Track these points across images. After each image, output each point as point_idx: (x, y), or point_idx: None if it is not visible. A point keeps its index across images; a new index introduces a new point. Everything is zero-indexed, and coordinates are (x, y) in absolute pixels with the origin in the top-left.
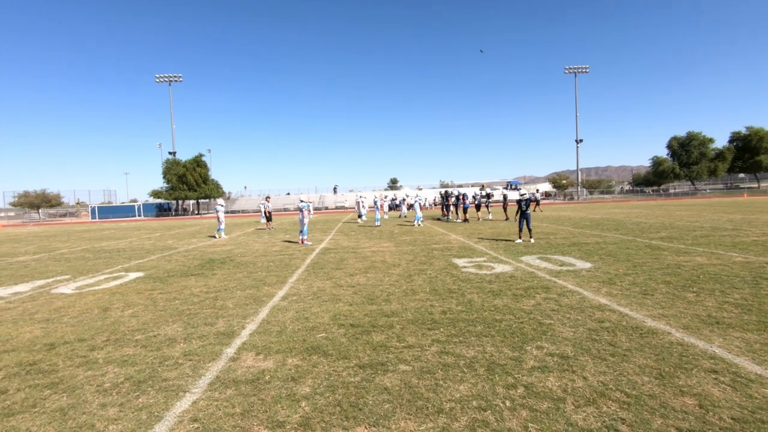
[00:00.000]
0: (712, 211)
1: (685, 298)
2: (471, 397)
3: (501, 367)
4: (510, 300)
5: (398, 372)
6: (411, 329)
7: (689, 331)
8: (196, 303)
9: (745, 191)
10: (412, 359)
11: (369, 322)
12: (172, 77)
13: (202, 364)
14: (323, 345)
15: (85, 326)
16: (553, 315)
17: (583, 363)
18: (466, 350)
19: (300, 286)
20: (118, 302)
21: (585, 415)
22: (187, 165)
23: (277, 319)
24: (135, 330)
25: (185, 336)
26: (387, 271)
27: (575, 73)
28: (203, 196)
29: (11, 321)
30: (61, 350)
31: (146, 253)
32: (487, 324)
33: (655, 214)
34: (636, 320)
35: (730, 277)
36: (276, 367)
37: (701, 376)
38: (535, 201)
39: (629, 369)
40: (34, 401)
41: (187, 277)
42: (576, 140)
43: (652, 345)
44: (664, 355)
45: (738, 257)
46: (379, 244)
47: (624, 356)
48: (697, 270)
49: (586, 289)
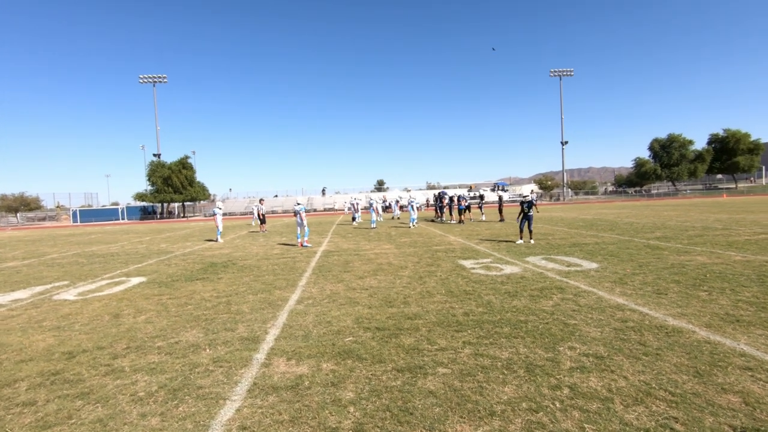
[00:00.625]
0: (698, 211)
1: (698, 296)
2: (519, 398)
3: (540, 368)
4: (528, 301)
5: (438, 375)
6: (438, 331)
7: (713, 330)
8: (210, 308)
9: (724, 191)
10: (448, 362)
11: (394, 325)
12: (157, 78)
13: (235, 371)
14: (354, 349)
15: (100, 333)
16: (576, 315)
17: (620, 362)
18: (499, 352)
19: (312, 290)
20: (128, 308)
21: (636, 414)
22: (173, 167)
23: (299, 323)
24: (154, 337)
25: (208, 342)
26: (396, 273)
27: (560, 76)
28: (189, 199)
29: (19, 329)
30: (82, 359)
31: (142, 257)
32: (513, 325)
33: (644, 215)
34: (658, 319)
35: (735, 275)
36: (312, 373)
37: (737, 373)
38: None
39: (666, 368)
40: (68, 413)
41: (193, 281)
42: (561, 142)
43: (680, 344)
44: (696, 354)
45: (737, 256)
46: (380, 246)
47: (657, 355)
48: (701, 269)
49: (600, 290)
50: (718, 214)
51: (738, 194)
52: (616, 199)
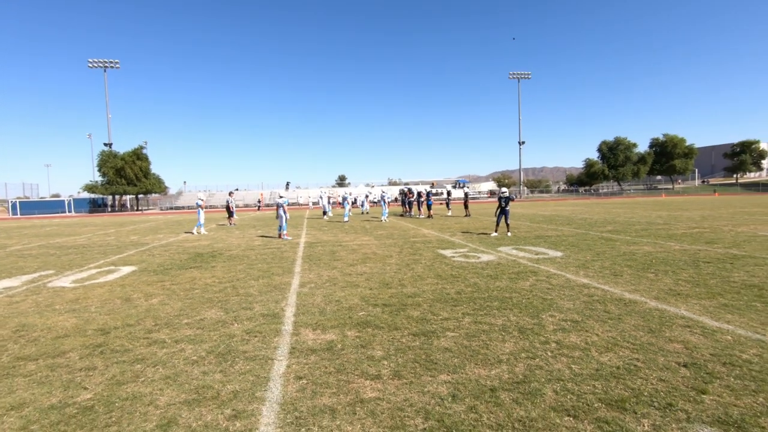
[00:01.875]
0: (642, 208)
1: (647, 277)
2: (518, 350)
3: (530, 330)
4: (509, 282)
5: (448, 337)
6: (438, 306)
7: (660, 301)
8: (218, 292)
9: (663, 191)
10: (454, 328)
11: (398, 302)
12: (108, 63)
13: (269, 339)
14: (370, 320)
15: (121, 314)
16: (551, 292)
17: (591, 325)
18: (494, 320)
19: (309, 275)
20: (135, 293)
21: (608, 357)
22: (126, 158)
23: (310, 302)
24: (176, 316)
25: (232, 319)
26: (384, 261)
27: (518, 79)
28: (144, 192)
29: (33, 313)
30: (118, 334)
31: (118, 248)
32: (501, 300)
33: (596, 211)
34: (617, 294)
35: (675, 261)
36: (340, 339)
37: (679, 330)
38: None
39: (626, 328)
40: (134, 374)
41: (187, 269)
42: (519, 142)
43: (636, 311)
44: (648, 317)
45: (676, 246)
46: (360, 239)
47: (619, 319)
48: (648, 256)
49: (567, 273)
50: (659, 212)
51: (675, 194)
52: (569, 198)
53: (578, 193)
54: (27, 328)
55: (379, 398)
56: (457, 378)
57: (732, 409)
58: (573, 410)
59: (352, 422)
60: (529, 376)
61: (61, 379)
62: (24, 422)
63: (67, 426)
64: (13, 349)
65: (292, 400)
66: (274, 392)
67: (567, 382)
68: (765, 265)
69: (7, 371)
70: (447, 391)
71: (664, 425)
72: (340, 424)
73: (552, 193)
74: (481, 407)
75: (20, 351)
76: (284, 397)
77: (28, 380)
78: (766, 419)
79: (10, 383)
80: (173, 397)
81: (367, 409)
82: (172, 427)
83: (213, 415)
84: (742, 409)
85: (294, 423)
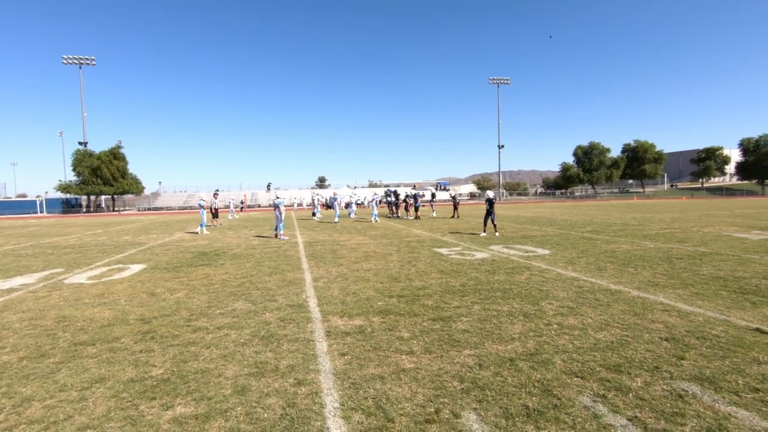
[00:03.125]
0: (616, 211)
1: (628, 271)
2: (527, 330)
3: (533, 315)
4: (506, 276)
5: (464, 321)
6: (448, 296)
7: (641, 291)
8: (238, 286)
9: (635, 195)
10: (467, 314)
11: (410, 294)
12: (83, 59)
13: (303, 326)
14: (390, 308)
15: (153, 306)
16: (545, 284)
17: (585, 310)
18: (500, 307)
19: (319, 271)
20: (158, 288)
21: (603, 335)
22: (102, 157)
23: (328, 294)
24: (207, 307)
25: (261, 309)
26: (386, 259)
27: (498, 84)
28: (120, 192)
29: (67, 306)
30: (160, 322)
31: (116, 248)
32: (503, 291)
33: (574, 213)
34: (603, 285)
35: (651, 258)
36: (368, 324)
37: (659, 313)
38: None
39: (615, 312)
40: (192, 354)
41: (198, 267)
42: (498, 146)
43: (621, 299)
44: (632, 304)
45: (650, 245)
46: (355, 239)
47: (608, 305)
48: (627, 254)
49: (557, 268)
50: (632, 214)
51: (646, 197)
52: (546, 200)
53: (555, 196)
54: (68, 319)
55: (417, 368)
56: (479, 352)
57: (705, 370)
58: (580, 373)
59: (401, 386)
60: (540, 349)
61: (126, 359)
62: (113, 392)
63: (153, 393)
64: (66, 337)
65: (344, 371)
66: (325, 365)
67: (571, 353)
68: (729, 260)
69: (71, 354)
70: (473, 362)
71: (653, 382)
72: (391, 387)
73: (530, 195)
74: (504, 372)
75: (73, 338)
76: (335, 368)
77: (96, 360)
78: (732, 376)
79: (80, 363)
80: (238, 371)
81: (410, 376)
82: (247, 393)
83: (279, 383)
84: (713, 369)
85: (351, 387)
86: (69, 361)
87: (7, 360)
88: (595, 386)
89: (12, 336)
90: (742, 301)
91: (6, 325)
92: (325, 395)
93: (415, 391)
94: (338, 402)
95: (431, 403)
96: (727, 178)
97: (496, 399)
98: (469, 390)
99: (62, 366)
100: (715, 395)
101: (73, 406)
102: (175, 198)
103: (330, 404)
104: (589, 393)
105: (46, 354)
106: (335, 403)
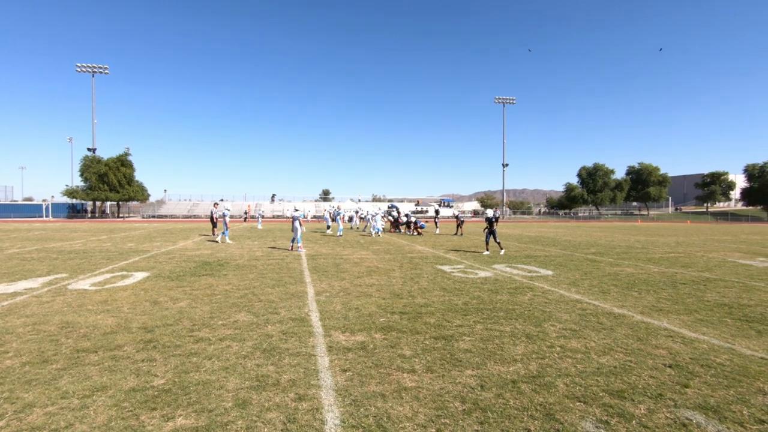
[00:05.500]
0: (620, 233)
1: (632, 295)
2: (529, 352)
3: (536, 336)
4: (509, 296)
5: (466, 341)
6: (450, 315)
7: (645, 315)
8: (240, 298)
9: (639, 217)
10: (469, 333)
11: (413, 311)
12: (97, 68)
13: (305, 340)
14: (392, 325)
15: (156, 315)
16: (548, 306)
17: (588, 333)
18: (503, 327)
19: (322, 285)
20: (161, 297)
21: (606, 359)
22: (110, 164)
23: (330, 309)
24: (209, 318)
25: (263, 321)
26: (388, 274)
27: (503, 103)
28: (126, 199)
29: (69, 311)
30: (162, 332)
31: (120, 255)
32: (505, 311)
33: (578, 234)
34: (607, 309)
35: (655, 282)
36: (369, 340)
37: (663, 338)
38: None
39: (618, 336)
40: (193, 365)
41: (201, 276)
42: (502, 164)
43: (625, 323)
44: (636, 328)
45: (654, 269)
46: (358, 253)
47: (611, 329)
48: (630, 277)
49: (560, 289)
50: (636, 236)
51: (650, 220)
52: (549, 220)
53: (558, 216)
54: (72, 325)
55: (419, 387)
56: (481, 373)
57: (709, 399)
58: (582, 398)
59: (402, 404)
60: (542, 372)
61: (128, 368)
62: (114, 401)
63: (155, 403)
64: (68, 343)
65: (345, 387)
66: (326, 381)
67: (574, 377)
68: (734, 287)
69: (74, 361)
70: (475, 382)
71: (657, 409)
72: (392, 405)
73: (533, 214)
74: (506, 395)
75: (76, 344)
76: (336, 384)
77: (98, 368)
78: (737, 406)
79: (82, 371)
80: (239, 384)
81: (411, 395)
82: (248, 406)
83: (280, 397)
84: (717, 399)
85: (352, 404)
86: (71, 368)
87: (10, 365)
88: (597, 412)
89: (15, 341)
90: (747, 329)
91: (9, 330)
92: (326, 411)
93: (417, 411)
94: (339, 419)
95: (432, 424)
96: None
97: (498, 421)
98: (471, 411)
99: (64, 373)
100: (719, 425)
101: (75, 414)
102: (180, 206)
103: (331, 421)
104: (592, 418)
105: (49, 360)
106: (336, 420)
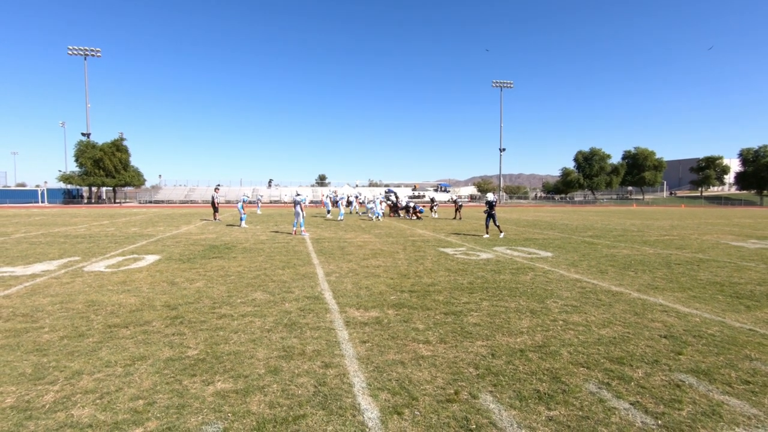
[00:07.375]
0: (616, 217)
1: (628, 274)
2: (534, 325)
3: (539, 312)
4: (511, 276)
5: (474, 316)
6: (457, 293)
7: (641, 293)
8: (253, 278)
9: (634, 202)
10: (476, 309)
11: (421, 289)
12: (89, 51)
13: (322, 315)
14: (403, 302)
15: (176, 294)
16: (549, 285)
17: (588, 309)
18: (508, 304)
19: (330, 266)
20: (177, 278)
21: (606, 331)
22: (105, 149)
23: (342, 288)
24: (228, 296)
25: (280, 300)
26: (393, 256)
27: (501, 87)
28: (122, 184)
29: (92, 291)
30: (186, 309)
31: (126, 239)
32: (509, 290)
33: (574, 218)
34: (605, 287)
35: (651, 262)
36: (383, 316)
37: (658, 313)
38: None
39: (617, 311)
40: (222, 338)
41: (211, 259)
42: (499, 149)
43: (623, 300)
44: (633, 304)
45: (650, 250)
46: (361, 237)
47: (610, 305)
48: (627, 258)
49: (560, 269)
50: (632, 220)
51: (645, 204)
52: (546, 204)
53: (554, 201)
54: (97, 304)
55: (434, 355)
56: (491, 343)
57: (701, 364)
58: (585, 363)
59: (421, 370)
60: (547, 342)
61: (161, 340)
62: (155, 369)
63: (193, 371)
64: (99, 320)
65: (366, 356)
66: (348, 351)
67: (577, 346)
68: (725, 267)
69: (108, 335)
70: (486, 351)
71: (653, 373)
72: (412, 371)
73: (530, 199)
74: (516, 361)
75: (106, 321)
76: (358, 354)
77: (133, 341)
78: (725, 370)
79: (118, 343)
80: (268, 354)
81: (428, 362)
82: (279, 373)
83: (308, 365)
84: (708, 364)
85: (375, 370)
86: (107, 341)
87: (49, 338)
88: (599, 375)
89: (47, 317)
90: (737, 305)
91: (39, 308)
92: (352, 376)
93: (435, 375)
94: (365, 383)
95: (450, 386)
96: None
97: (509, 384)
98: (484, 375)
99: (102, 345)
100: (709, 386)
101: (121, 379)
102: (176, 192)
103: (358, 384)
104: (595, 381)
105: (84, 334)
106: (362, 383)
